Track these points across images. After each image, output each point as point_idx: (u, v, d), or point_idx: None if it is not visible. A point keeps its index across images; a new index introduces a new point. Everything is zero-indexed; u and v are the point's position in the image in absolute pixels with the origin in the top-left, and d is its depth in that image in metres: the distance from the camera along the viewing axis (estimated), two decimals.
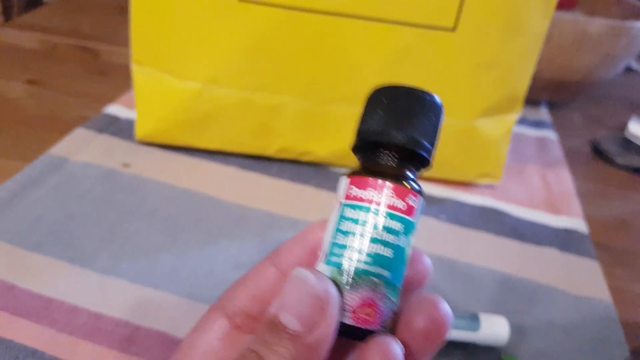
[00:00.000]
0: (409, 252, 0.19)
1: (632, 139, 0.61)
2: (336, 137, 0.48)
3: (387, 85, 0.20)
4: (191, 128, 0.48)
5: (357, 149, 0.21)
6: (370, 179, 0.19)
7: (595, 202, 0.52)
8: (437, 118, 0.20)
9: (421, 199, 0.19)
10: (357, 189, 0.19)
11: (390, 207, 0.19)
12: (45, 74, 0.62)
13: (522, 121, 0.65)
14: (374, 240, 0.18)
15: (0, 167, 0.45)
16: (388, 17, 0.42)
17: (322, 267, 0.19)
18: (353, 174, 0.20)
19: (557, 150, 0.60)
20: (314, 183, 0.48)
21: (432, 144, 0.20)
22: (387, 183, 0.19)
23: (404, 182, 0.19)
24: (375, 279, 0.18)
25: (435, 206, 0.48)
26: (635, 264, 0.45)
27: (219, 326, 0.20)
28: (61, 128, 0.51)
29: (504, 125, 0.47)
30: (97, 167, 0.46)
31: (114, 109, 0.55)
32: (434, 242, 0.43)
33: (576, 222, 0.48)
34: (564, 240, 0.45)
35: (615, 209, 0.52)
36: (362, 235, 0.18)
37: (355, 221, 0.19)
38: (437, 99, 0.20)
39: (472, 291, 0.39)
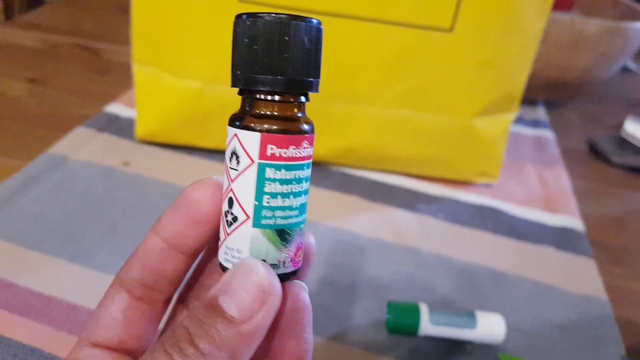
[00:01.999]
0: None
1: (629, 138, 0.61)
2: (335, 135, 0.48)
3: (255, 16, 0.18)
4: (191, 127, 0.48)
5: (241, 90, 0.20)
6: (287, 136, 0.18)
7: (591, 200, 0.53)
8: (318, 44, 0.19)
9: (314, 135, 0.20)
10: (276, 148, 0.18)
11: (307, 158, 0.19)
12: (46, 72, 0.62)
13: (520, 120, 0.65)
14: (298, 194, 0.19)
15: (1, 166, 0.45)
16: (385, 18, 0.42)
17: (251, 232, 0.19)
18: (262, 129, 0.18)
19: (554, 149, 0.60)
20: (312, 182, 0.49)
21: (318, 74, 0.19)
22: (302, 136, 0.19)
23: (310, 131, 0.19)
24: (302, 226, 0.19)
25: (433, 205, 0.48)
26: (631, 262, 0.45)
27: (120, 299, 0.21)
28: (62, 126, 0.51)
29: (501, 125, 0.48)
30: (97, 166, 0.47)
31: (115, 108, 0.55)
32: (432, 240, 0.44)
33: (573, 221, 0.48)
34: (560, 238, 0.46)
35: (612, 208, 0.52)
36: (291, 192, 0.19)
37: (285, 181, 0.19)
38: (314, 21, 0.19)
39: (469, 289, 0.39)
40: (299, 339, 0.19)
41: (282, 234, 0.19)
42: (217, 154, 0.50)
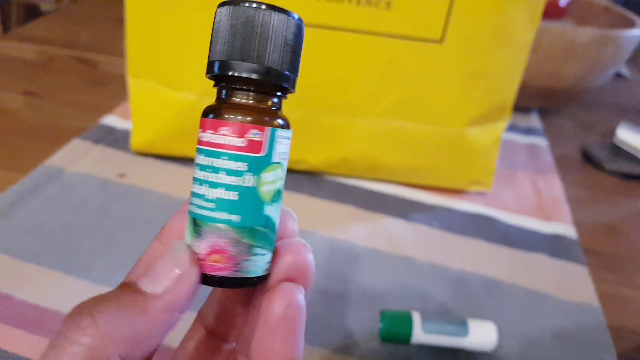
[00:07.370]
0: (267, 189, 0.18)
1: (621, 145, 0.62)
2: (329, 146, 0.48)
3: (235, 3, 0.18)
4: (186, 138, 0.48)
5: (212, 79, 0.19)
6: (207, 120, 0.18)
7: (584, 207, 0.53)
8: (295, 39, 0.18)
9: (269, 129, 0.18)
10: (202, 132, 0.18)
11: (226, 146, 0.17)
12: (42, 85, 0.63)
13: (513, 128, 0.66)
14: (214, 185, 0.18)
15: None
16: (376, 30, 0.43)
17: (188, 219, 0.19)
18: (203, 114, 0.18)
19: (547, 157, 0.61)
20: (307, 191, 0.49)
21: (286, 66, 0.19)
22: (222, 121, 0.17)
23: (241, 117, 0.18)
24: (220, 225, 0.18)
25: (427, 214, 0.48)
26: (623, 269, 0.45)
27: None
28: (58, 139, 0.52)
29: (493, 134, 0.48)
30: (93, 178, 0.47)
31: (111, 120, 0.56)
32: (426, 249, 0.44)
33: (566, 228, 0.48)
34: (553, 246, 0.46)
35: (605, 215, 0.53)
36: (205, 180, 0.18)
37: (202, 167, 0.18)
38: (295, 16, 0.18)
39: (463, 297, 0.40)
40: (290, 341, 0.18)
41: (195, 224, 0.18)
42: None
